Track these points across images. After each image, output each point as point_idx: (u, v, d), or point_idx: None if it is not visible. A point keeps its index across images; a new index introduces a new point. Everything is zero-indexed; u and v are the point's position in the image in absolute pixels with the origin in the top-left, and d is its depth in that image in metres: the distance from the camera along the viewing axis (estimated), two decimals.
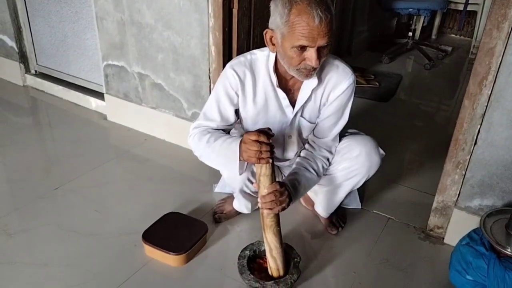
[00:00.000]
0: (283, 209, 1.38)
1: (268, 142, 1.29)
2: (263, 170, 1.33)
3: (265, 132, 1.30)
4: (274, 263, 1.48)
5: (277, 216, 1.41)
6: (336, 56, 1.52)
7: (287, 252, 1.55)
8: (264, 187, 1.35)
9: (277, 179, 1.39)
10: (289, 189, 1.42)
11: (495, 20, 1.38)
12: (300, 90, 1.50)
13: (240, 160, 1.38)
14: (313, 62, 1.31)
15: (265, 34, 1.37)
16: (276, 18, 1.30)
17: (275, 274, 1.50)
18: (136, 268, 1.59)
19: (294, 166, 1.57)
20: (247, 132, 1.34)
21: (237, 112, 1.56)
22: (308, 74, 1.37)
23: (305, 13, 1.24)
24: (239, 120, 1.60)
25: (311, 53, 1.29)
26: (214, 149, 1.47)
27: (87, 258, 1.63)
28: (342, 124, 1.58)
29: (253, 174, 1.57)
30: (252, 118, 1.55)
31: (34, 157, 2.28)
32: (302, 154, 1.60)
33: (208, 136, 1.49)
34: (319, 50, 1.30)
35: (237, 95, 1.51)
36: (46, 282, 1.53)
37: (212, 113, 1.54)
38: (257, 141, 1.28)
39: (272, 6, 1.33)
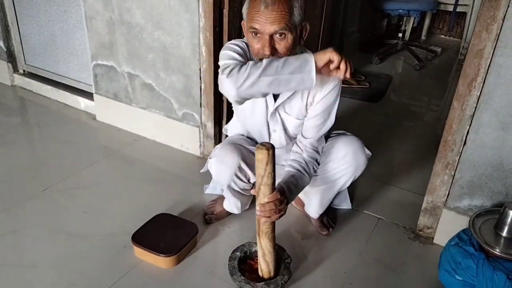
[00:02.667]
0: (281, 216, 1.38)
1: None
2: (264, 180, 1.31)
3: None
4: (266, 267, 1.48)
5: (273, 222, 1.40)
6: None
7: (278, 253, 1.54)
8: (264, 195, 1.33)
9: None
10: (287, 195, 1.41)
11: (484, 22, 1.39)
12: None
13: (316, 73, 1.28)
14: (263, 50, 1.34)
15: (242, 25, 1.42)
16: (244, 7, 1.37)
17: (266, 276, 1.50)
18: (126, 270, 1.58)
19: (287, 169, 1.56)
20: None
21: None
22: (266, 52, 1.36)
23: (256, 0, 1.31)
24: None
25: (263, 41, 1.34)
26: (274, 65, 1.29)
27: (76, 260, 1.62)
28: (329, 125, 1.58)
29: (240, 169, 1.58)
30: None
31: (22, 157, 2.26)
32: (292, 157, 1.60)
33: (253, 62, 1.34)
34: (272, 38, 1.33)
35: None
36: (34, 283, 1.52)
37: (234, 56, 1.42)
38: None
39: None
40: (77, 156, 2.26)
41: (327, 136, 1.65)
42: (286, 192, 1.42)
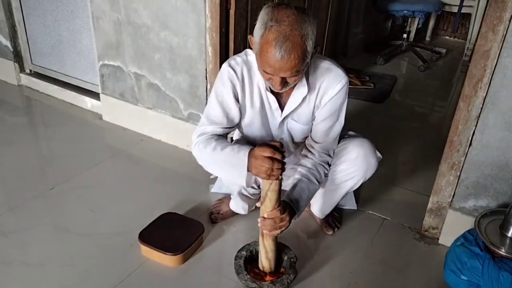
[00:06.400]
0: (282, 231, 1.39)
1: (281, 160, 1.27)
2: (272, 186, 1.31)
3: (279, 149, 1.28)
4: (268, 264, 1.50)
5: None
6: (328, 58, 1.52)
7: (281, 250, 1.56)
8: (270, 201, 1.33)
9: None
10: (292, 208, 1.42)
11: (491, 23, 1.40)
12: (291, 95, 1.49)
13: (247, 171, 1.35)
14: (275, 86, 1.34)
15: (250, 39, 1.37)
16: (255, 32, 1.30)
17: (267, 270, 1.52)
18: (133, 269, 1.59)
19: (296, 176, 1.55)
20: (259, 146, 1.30)
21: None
22: (277, 89, 1.37)
23: (270, 46, 1.24)
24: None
25: (275, 80, 1.32)
26: (220, 157, 1.42)
27: (83, 258, 1.63)
28: (339, 127, 1.57)
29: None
30: (249, 118, 1.55)
31: (29, 157, 2.27)
32: (303, 163, 1.58)
33: (214, 144, 1.44)
34: (283, 78, 1.31)
35: (238, 93, 1.49)
36: (41, 282, 1.53)
37: (217, 115, 1.50)
38: (269, 157, 1.26)
39: (260, 15, 1.31)
40: (83, 156, 2.28)
41: (340, 137, 1.63)
42: (293, 206, 1.43)
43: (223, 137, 1.52)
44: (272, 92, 1.47)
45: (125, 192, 2.02)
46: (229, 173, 1.46)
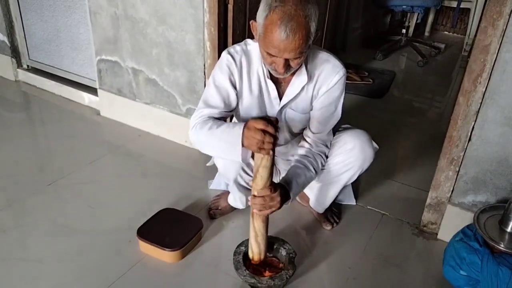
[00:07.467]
0: (273, 212, 1.38)
1: (273, 134, 1.26)
2: (263, 162, 1.30)
3: (272, 122, 1.27)
4: (257, 248, 1.49)
5: None
6: (327, 50, 1.52)
7: (280, 244, 1.56)
8: (261, 178, 1.33)
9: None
10: (284, 190, 1.41)
11: (490, 17, 1.39)
12: (290, 84, 1.49)
13: (242, 146, 1.33)
14: (278, 70, 1.34)
15: (251, 24, 1.38)
16: (259, 14, 1.30)
17: (256, 258, 1.50)
18: (131, 264, 1.59)
19: (293, 163, 1.56)
20: (254, 118, 1.29)
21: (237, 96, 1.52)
22: (279, 74, 1.37)
23: (275, 26, 1.24)
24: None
25: (278, 62, 1.31)
26: (216, 135, 1.40)
27: (81, 254, 1.62)
28: (336, 118, 1.58)
29: (247, 164, 1.57)
30: (247, 106, 1.54)
31: (27, 153, 2.26)
32: (300, 151, 1.59)
33: (211, 124, 1.42)
34: (287, 60, 1.31)
35: (235, 80, 1.49)
36: (40, 278, 1.52)
37: (214, 100, 1.48)
38: (262, 130, 1.25)
39: None
40: (81, 151, 2.27)
41: (335, 130, 1.64)
42: (283, 187, 1.42)
43: (220, 119, 1.50)
44: (272, 80, 1.47)
45: (123, 188, 2.02)
46: (224, 150, 1.42)
